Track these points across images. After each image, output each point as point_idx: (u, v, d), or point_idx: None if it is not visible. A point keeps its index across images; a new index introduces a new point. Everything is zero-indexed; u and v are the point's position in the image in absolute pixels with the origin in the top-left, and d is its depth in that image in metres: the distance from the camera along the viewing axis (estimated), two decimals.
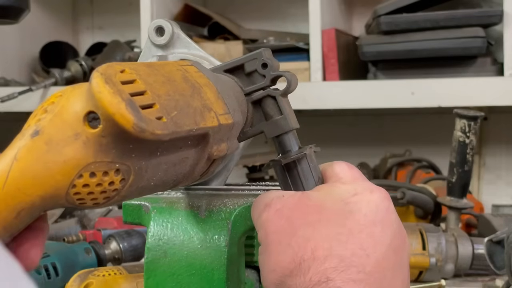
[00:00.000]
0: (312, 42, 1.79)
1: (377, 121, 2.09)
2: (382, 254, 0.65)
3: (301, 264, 0.64)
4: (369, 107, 1.78)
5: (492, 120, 1.96)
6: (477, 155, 2.00)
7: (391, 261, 0.66)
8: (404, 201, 1.43)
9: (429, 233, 1.29)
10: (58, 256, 1.14)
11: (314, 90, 1.76)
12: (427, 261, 1.27)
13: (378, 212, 0.66)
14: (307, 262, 0.63)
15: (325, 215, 0.65)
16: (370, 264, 0.64)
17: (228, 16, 2.12)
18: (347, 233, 0.65)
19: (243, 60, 0.72)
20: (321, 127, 2.09)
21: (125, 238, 1.28)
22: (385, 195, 0.68)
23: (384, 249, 0.65)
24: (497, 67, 1.73)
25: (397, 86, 1.73)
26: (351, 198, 0.67)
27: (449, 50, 1.72)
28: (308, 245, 0.64)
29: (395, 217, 0.68)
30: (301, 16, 1.96)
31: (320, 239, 0.64)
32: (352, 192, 0.67)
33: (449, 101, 1.67)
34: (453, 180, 1.41)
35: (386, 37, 1.75)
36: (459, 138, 1.39)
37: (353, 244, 0.64)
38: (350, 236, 0.65)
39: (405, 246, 0.68)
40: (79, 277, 1.04)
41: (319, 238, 0.64)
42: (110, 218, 1.47)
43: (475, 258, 1.29)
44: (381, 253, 0.65)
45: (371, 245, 0.65)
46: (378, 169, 1.95)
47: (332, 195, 0.67)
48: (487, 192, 2.01)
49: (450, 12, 1.75)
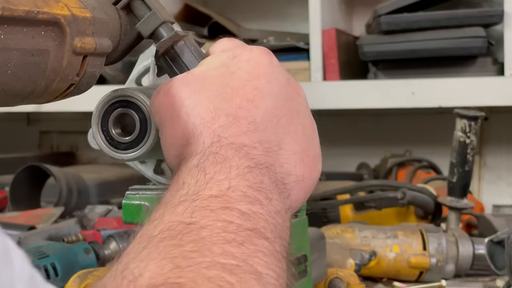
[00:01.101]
0: (312, 42, 1.78)
1: (377, 121, 2.09)
2: (271, 103, 0.67)
3: (194, 131, 0.65)
4: (369, 107, 1.78)
5: (492, 120, 1.96)
6: (478, 155, 1.99)
7: (284, 109, 0.67)
8: (405, 201, 1.43)
9: (430, 234, 1.29)
10: (57, 256, 1.13)
11: (314, 90, 1.76)
12: (427, 262, 1.27)
13: (260, 67, 0.68)
14: (199, 128, 0.65)
15: (208, 81, 0.67)
16: (260, 114, 0.66)
17: (228, 16, 2.11)
18: (231, 91, 0.66)
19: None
20: (321, 127, 2.08)
21: (125, 238, 1.28)
22: (266, 51, 0.70)
23: (273, 99, 0.67)
24: (497, 67, 1.73)
25: (397, 86, 1.73)
26: (232, 61, 0.69)
27: (450, 50, 1.72)
28: (196, 111, 0.65)
29: (281, 69, 0.70)
30: (301, 16, 1.95)
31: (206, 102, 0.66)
32: (232, 56, 0.69)
33: (450, 101, 1.67)
34: (454, 180, 1.41)
35: (386, 37, 1.75)
36: (459, 138, 1.39)
37: (238, 98, 0.66)
38: (235, 92, 0.66)
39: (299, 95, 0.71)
40: (78, 278, 1.04)
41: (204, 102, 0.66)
42: (110, 218, 1.47)
43: (476, 258, 1.29)
44: (270, 103, 0.67)
45: (258, 97, 0.66)
46: (378, 169, 1.95)
47: (214, 64, 0.69)
48: (487, 192, 2.00)
49: (451, 12, 1.75)
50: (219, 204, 0.58)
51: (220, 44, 0.73)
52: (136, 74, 0.87)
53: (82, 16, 0.65)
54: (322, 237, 1.14)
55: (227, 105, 0.65)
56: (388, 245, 1.28)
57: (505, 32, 1.68)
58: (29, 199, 1.71)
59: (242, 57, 0.69)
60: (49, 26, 0.62)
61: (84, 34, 0.65)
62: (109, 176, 1.83)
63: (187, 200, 0.59)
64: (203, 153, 0.63)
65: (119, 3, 0.73)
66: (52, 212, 1.57)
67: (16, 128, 2.36)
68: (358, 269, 1.24)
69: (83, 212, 1.64)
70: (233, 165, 0.61)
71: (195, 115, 0.65)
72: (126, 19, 0.73)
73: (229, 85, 0.67)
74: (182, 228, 0.55)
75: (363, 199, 1.51)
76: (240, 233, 0.56)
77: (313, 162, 0.68)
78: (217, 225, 0.56)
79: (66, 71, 0.65)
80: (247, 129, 0.64)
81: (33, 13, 0.59)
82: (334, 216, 1.50)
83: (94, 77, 0.70)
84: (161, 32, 0.73)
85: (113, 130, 0.77)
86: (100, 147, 0.77)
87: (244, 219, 0.57)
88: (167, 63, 0.73)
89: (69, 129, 2.31)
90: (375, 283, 1.28)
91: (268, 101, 0.67)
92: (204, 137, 0.64)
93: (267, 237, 0.57)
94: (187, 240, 0.54)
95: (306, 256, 0.89)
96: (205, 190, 0.59)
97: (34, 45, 0.61)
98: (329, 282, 1.12)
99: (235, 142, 0.63)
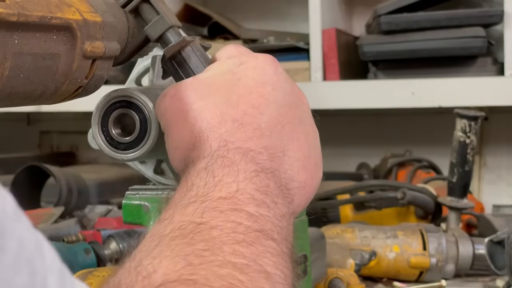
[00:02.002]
0: (312, 42, 1.78)
1: (377, 121, 2.09)
2: (276, 110, 0.68)
3: (200, 135, 0.66)
4: (369, 107, 1.78)
5: (492, 120, 1.96)
6: (478, 155, 1.99)
7: (287, 116, 0.69)
8: (405, 201, 1.43)
9: (430, 233, 1.29)
10: None
11: (314, 90, 1.76)
12: (427, 261, 1.27)
13: (265, 74, 0.69)
14: (205, 132, 0.66)
15: (215, 87, 0.69)
16: (265, 120, 0.67)
17: (228, 16, 2.11)
18: (237, 97, 0.68)
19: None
20: (321, 127, 2.08)
21: (125, 239, 1.28)
22: (272, 59, 0.71)
23: (277, 106, 0.68)
24: (497, 67, 1.73)
25: (397, 86, 1.73)
26: (238, 67, 0.70)
27: (450, 50, 1.72)
28: (202, 116, 0.67)
29: (286, 77, 0.71)
30: (301, 16, 1.95)
31: (212, 107, 0.67)
32: (238, 63, 0.70)
33: (450, 101, 1.67)
34: (454, 180, 1.41)
35: (386, 37, 1.75)
36: (459, 138, 1.39)
37: (244, 104, 0.67)
38: (241, 99, 0.68)
39: (303, 103, 0.72)
40: (78, 278, 1.04)
41: (211, 107, 0.67)
42: (110, 218, 1.47)
43: (476, 258, 1.29)
44: (275, 110, 0.68)
45: (263, 104, 0.68)
46: (378, 169, 1.95)
47: (220, 70, 0.70)
48: (487, 192, 2.00)
49: (451, 12, 1.75)
50: (228, 206, 0.59)
51: (226, 50, 0.74)
52: (136, 74, 0.87)
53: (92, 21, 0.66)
54: (322, 237, 1.14)
55: (233, 111, 0.67)
56: (388, 245, 1.28)
57: (505, 32, 1.68)
58: (29, 199, 1.71)
59: (248, 64, 0.70)
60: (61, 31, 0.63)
61: (94, 38, 0.67)
62: (109, 176, 1.83)
63: (196, 201, 0.60)
64: (211, 156, 0.64)
65: (127, 6, 0.74)
66: (52, 212, 1.57)
67: (16, 128, 2.36)
68: (358, 269, 1.24)
69: (83, 212, 1.64)
70: (240, 168, 0.63)
71: (202, 119, 0.67)
72: (134, 22, 0.74)
73: (235, 91, 0.68)
74: (193, 227, 0.57)
75: (363, 199, 1.51)
76: (249, 234, 0.57)
77: (314, 169, 0.69)
78: (227, 226, 0.57)
79: (76, 74, 0.67)
80: (252, 134, 0.66)
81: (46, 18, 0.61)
82: (334, 216, 1.50)
83: (102, 80, 0.71)
84: (168, 36, 0.74)
85: (113, 130, 0.77)
86: (100, 147, 0.77)
87: (252, 220, 0.59)
88: (174, 67, 0.74)
89: (69, 129, 2.31)
90: (375, 283, 1.28)
91: (273, 108, 0.68)
92: (211, 141, 0.65)
93: (274, 238, 0.59)
94: (198, 239, 0.56)
95: (306, 256, 0.89)
96: (214, 192, 0.61)
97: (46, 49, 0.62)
98: (329, 282, 1.12)
99: (241, 146, 0.65)
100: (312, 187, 0.69)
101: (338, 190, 1.53)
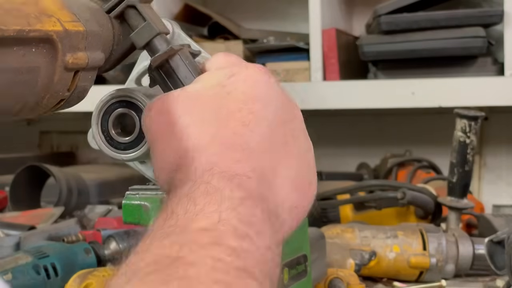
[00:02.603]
0: (312, 42, 1.78)
1: (377, 121, 2.09)
2: (266, 128, 0.64)
3: (186, 156, 0.62)
4: (369, 107, 1.78)
5: (492, 120, 1.96)
6: (478, 155, 1.99)
7: (279, 133, 0.65)
8: (405, 201, 1.43)
9: (430, 233, 1.29)
10: (57, 256, 1.13)
11: (314, 90, 1.76)
12: (427, 261, 1.27)
13: (256, 87, 0.65)
14: (190, 153, 0.62)
15: (202, 100, 0.64)
16: (255, 139, 0.63)
17: (228, 16, 2.11)
18: (226, 113, 0.63)
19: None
20: (321, 127, 2.08)
21: (125, 239, 1.28)
22: (264, 70, 0.67)
23: (268, 123, 0.64)
24: (497, 67, 1.73)
25: (397, 86, 1.73)
26: (228, 80, 0.65)
27: (450, 50, 1.72)
28: (189, 133, 0.63)
29: (278, 90, 0.67)
30: (301, 16, 1.95)
31: (199, 124, 0.63)
32: (228, 74, 0.66)
33: (450, 101, 1.67)
34: (454, 180, 1.41)
35: (386, 37, 1.75)
36: (459, 138, 1.39)
37: (233, 121, 0.63)
38: (230, 115, 0.63)
39: (295, 117, 0.68)
40: (78, 278, 1.04)
41: (198, 125, 0.63)
42: (110, 218, 1.47)
43: (476, 258, 1.29)
44: (265, 128, 0.64)
45: (253, 122, 0.63)
46: (378, 169, 1.95)
47: (209, 82, 0.66)
48: (487, 192, 2.00)
49: (451, 12, 1.75)
50: (208, 239, 0.56)
51: (216, 60, 0.70)
52: (136, 74, 0.87)
53: (75, 31, 0.63)
54: (322, 237, 1.14)
55: (221, 130, 0.63)
56: (388, 245, 1.28)
57: (505, 32, 1.68)
58: (29, 199, 1.71)
59: (239, 77, 0.66)
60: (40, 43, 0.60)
61: (76, 49, 0.63)
62: (109, 176, 1.83)
63: (175, 231, 0.57)
64: (194, 182, 0.60)
65: (112, 11, 0.70)
66: (52, 212, 1.57)
67: (16, 128, 2.36)
68: (358, 269, 1.24)
69: (83, 212, 1.64)
70: (224, 196, 0.58)
71: (188, 138, 0.63)
72: (119, 29, 0.71)
73: (224, 106, 0.64)
74: (169, 262, 0.54)
75: (363, 199, 1.51)
76: (229, 273, 0.54)
77: (308, 188, 0.66)
78: (206, 262, 0.54)
79: (57, 87, 0.63)
80: (241, 156, 0.62)
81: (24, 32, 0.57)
82: (334, 216, 1.50)
83: (85, 91, 0.68)
84: (156, 43, 0.70)
85: (113, 130, 0.77)
86: (100, 147, 0.77)
87: (234, 256, 0.55)
88: (161, 77, 0.71)
89: (69, 129, 2.31)
90: (375, 283, 1.28)
91: (263, 125, 0.64)
92: (196, 164, 0.61)
93: (256, 277, 0.55)
94: (174, 277, 0.52)
95: (306, 256, 0.89)
96: (194, 222, 0.57)
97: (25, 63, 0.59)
98: (329, 282, 1.12)
99: (227, 171, 0.60)
100: (303, 208, 0.65)
101: (338, 190, 1.53)
